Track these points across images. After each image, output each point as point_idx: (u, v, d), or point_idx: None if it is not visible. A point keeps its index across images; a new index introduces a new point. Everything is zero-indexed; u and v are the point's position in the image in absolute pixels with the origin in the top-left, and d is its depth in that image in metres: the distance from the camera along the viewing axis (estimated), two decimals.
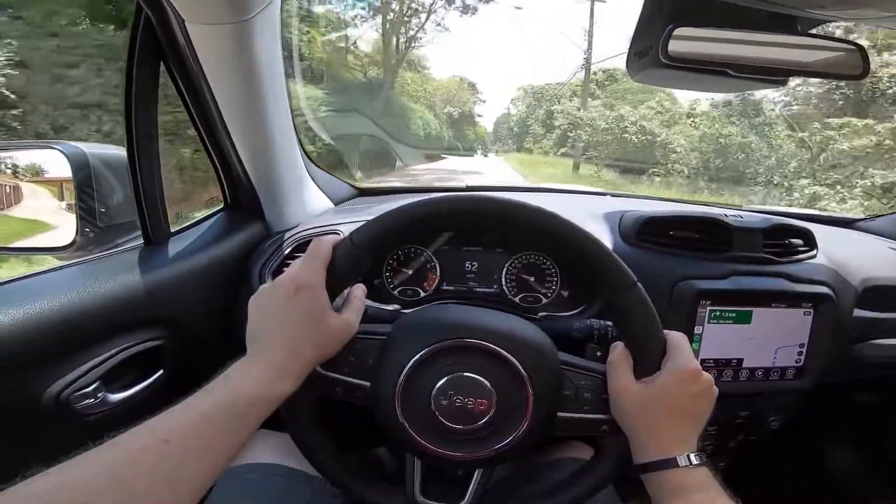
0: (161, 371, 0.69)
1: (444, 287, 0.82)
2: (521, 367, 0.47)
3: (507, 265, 0.81)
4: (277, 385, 0.43)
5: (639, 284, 0.49)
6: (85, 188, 0.71)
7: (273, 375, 0.42)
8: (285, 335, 0.44)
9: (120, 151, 0.71)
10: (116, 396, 0.62)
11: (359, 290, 0.52)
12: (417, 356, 0.47)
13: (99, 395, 0.59)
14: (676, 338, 0.50)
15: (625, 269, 0.49)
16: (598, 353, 0.63)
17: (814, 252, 0.82)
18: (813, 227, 0.85)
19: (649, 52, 0.64)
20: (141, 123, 0.66)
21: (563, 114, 16.83)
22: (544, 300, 0.80)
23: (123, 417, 0.63)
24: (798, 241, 0.83)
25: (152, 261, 0.69)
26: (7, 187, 0.79)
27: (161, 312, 0.67)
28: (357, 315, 0.49)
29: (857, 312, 0.82)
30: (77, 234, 0.69)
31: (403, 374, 0.47)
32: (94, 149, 0.75)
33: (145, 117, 0.67)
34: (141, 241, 0.71)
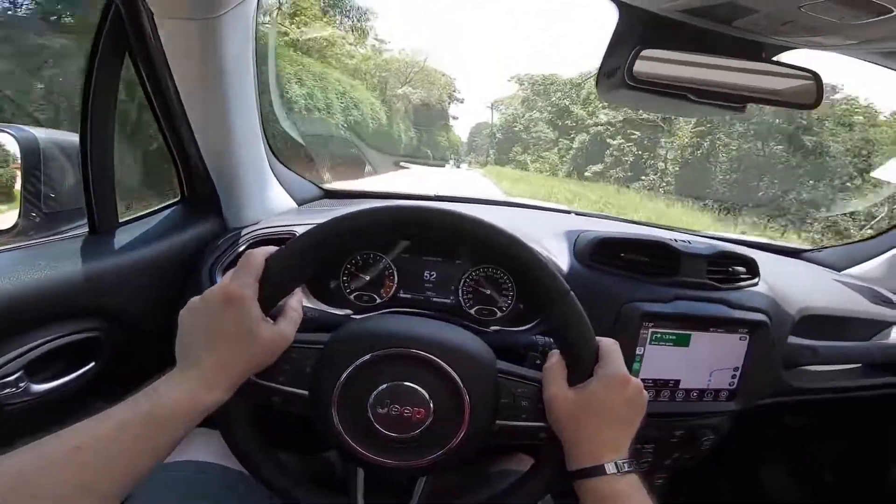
0: (93, 363, 0.67)
1: (401, 295, 0.82)
2: (456, 376, 0.48)
3: (464, 277, 0.82)
4: (204, 397, 0.43)
5: (572, 294, 0.50)
6: (33, 171, 0.70)
7: (200, 388, 0.43)
8: (214, 348, 0.44)
9: (75, 137, 0.69)
10: (41, 387, 0.60)
11: (295, 300, 0.52)
12: (354, 365, 0.48)
13: (21, 384, 0.57)
14: (608, 344, 0.51)
15: (558, 278, 0.50)
16: (538, 362, 0.65)
17: (755, 280, 0.86)
18: (759, 256, 0.89)
19: (616, 73, 0.66)
20: (98, 110, 0.65)
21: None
22: (500, 313, 0.81)
23: (48, 410, 0.62)
24: (741, 269, 0.86)
25: (95, 250, 0.67)
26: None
27: (99, 304, 0.66)
28: (293, 326, 0.49)
29: (792, 340, 0.86)
30: (20, 217, 0.68)
31: (340, 381, 0.47)
32: (49, 134, 0.74)
33: (104, 105, 0.66)
34: (87, 229, 0.70)
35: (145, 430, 0.39)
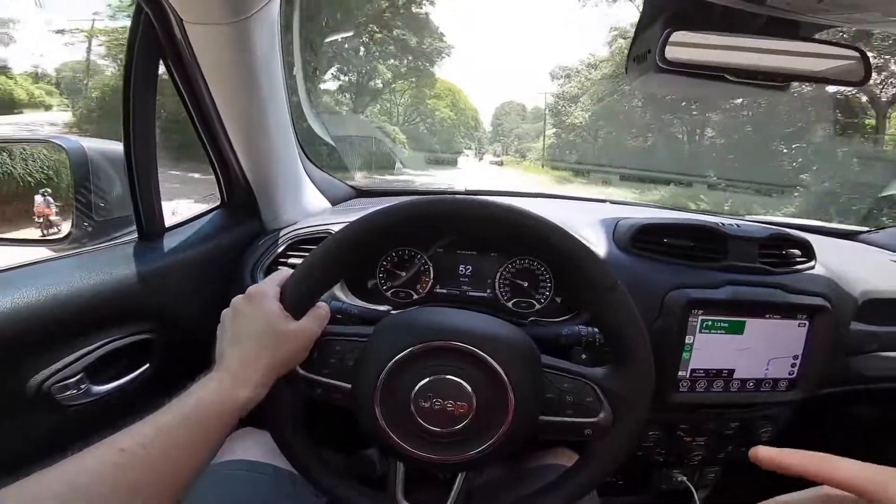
0: (147, 365, 0.69)
1: (437, 290, 0.82)
2: (501, 370, 0.47)
3: (500, 270, 0.81)
4: (234, 393, 0.44)
5: (620, 285, 0.48)
6: (83, 182, 0.73)
7: (228, 384, 0.44)
8: (239, 345, 0.47)
9: (119, 146, 0.72)
10: (100, 388, 0.62)
11: (324, 304, 0.53)
12: (397, 357, 0.47)
13: (82, 386, 0.59)
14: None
15: (605, 269, 0.48)
16: (584, 356, 0.63)
17: (812, 263, 0.81)
18: (813, 238, 0.84)
19: (647, 57, 0.63)
20: (139, 119, 0.67)
21: None
22: (537, 305, 0.80)
23: (106, 410, 0.64)
24: (796, 252, 0.82)
25: (145, 255, 0.69)
26: None
27: (151, 306, 0.68)
28: (317, 322, 0.50)
29: (855, 325, 0.81)
30: (73, 226, 0.71)
31: (383, 375, 0.47)
32: (93, 143, 0.76)
33: (143, 114, 0.68)
34: (136, 235, 0.72)
35: (184, 432, 0.40)
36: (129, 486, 0.36)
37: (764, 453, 0.32)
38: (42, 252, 0.71)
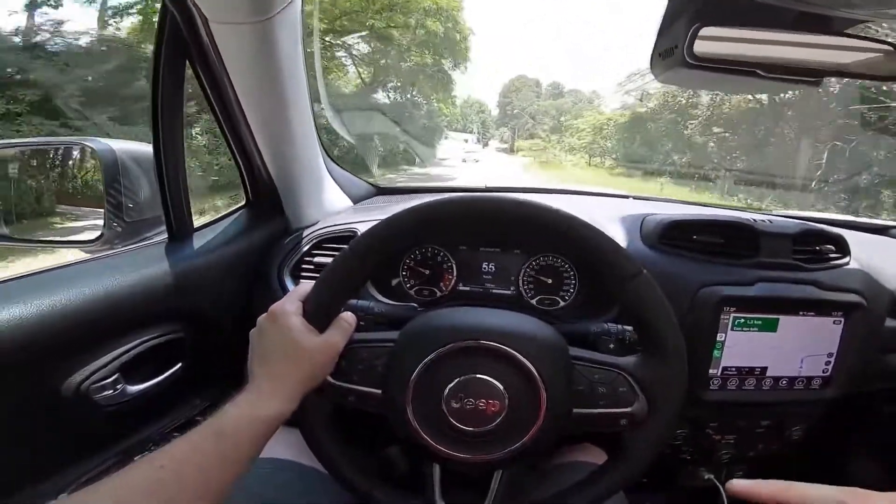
0: (180, 364, 0.70)
1: (461, 288, 0.82)
2: (530, 366, 0.47)
3: (524, 267, 0.80)
4: (262, 407, 0.45)
5: (645, 272, 0.47)
6: (113, 184, 0.73)
7: (256, 399, 0.45)
8: (266, 363, 0.48)
9: (148, 148, 0.72)
10: (135, 388, 0.63)
11: (348, 314, 0.54)
12: (426, 360, 0.47)
13: (118, 386, 0.60)
14: None
15: (628, 257, 0.48)
16: (611, 346, 0.62)
17: (846, 259, 0.79)
18: (846, 234, 0.82)
19: (674, 52, 0.62)
20: (167, 120, 0.68)
21: None
22: (562, 303, 0.79)
23: (141, 409, 0.65)
24: (830, 248, 0.80)
25: (176, 255, 0.70)
26: None
27: (182, 306, 0.69)
28: (341, 334, 0.51)
29: (890, 322, 0.79)
30: (105, 228, 0.71)
31: (413, 378, 0.47)
32: (123, 145, 0.77)
33: (171, 114, 0.68)
34: (165, 235, 0.73)
35: (212, 446, 0.42)
36: (167, 501, 0.38)
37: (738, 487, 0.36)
38: (75, 253, 0.72)
